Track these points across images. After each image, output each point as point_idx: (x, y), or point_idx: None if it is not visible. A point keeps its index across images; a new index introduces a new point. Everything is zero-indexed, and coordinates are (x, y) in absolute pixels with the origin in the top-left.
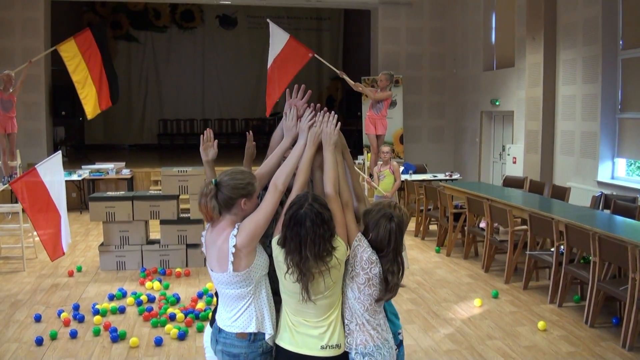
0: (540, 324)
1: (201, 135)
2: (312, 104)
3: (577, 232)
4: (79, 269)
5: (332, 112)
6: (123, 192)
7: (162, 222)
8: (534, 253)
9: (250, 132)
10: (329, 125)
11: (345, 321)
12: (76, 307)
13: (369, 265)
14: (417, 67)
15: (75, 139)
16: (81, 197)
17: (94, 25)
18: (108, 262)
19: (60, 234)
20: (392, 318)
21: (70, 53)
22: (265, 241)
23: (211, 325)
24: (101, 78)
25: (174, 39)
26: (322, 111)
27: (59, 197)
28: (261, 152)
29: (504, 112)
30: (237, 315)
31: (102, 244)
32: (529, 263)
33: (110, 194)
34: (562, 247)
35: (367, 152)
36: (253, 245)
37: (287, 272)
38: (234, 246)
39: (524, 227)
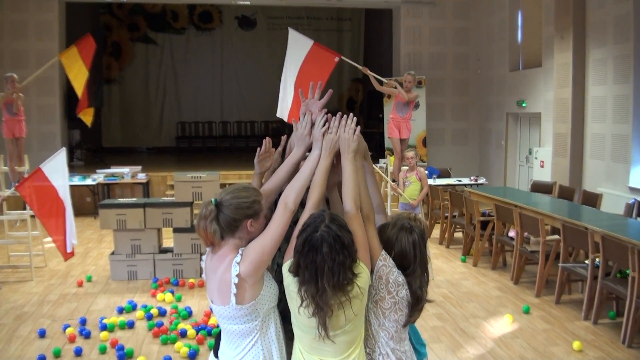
0: (576, 345)
1: (258, 148)
2: (323, 111)
3: (614, 244)
4: (89, 279)
5: (351, 114)
6: (134, 199)
7: (175, 230)
8: (567, 265)
9: (268, 138)
10: (347, 131)
11: (367, 350)
12: (83, 322)
13: (395, 288)
14: (440, 67)
15: (92, 142)
16: (95, 201)
17: (93, 31)
18: (119, 272)
19: (65, 233)
20: (418, 348)
21: (71, 60)
22: (273, 266)
23: (215, 355)
24: (87, 81)
25: (192, 40)
26: (337, 114)
27: (66, 196)
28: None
29: (531, 114)
30: (242, 354)
31: (112, 253)
32: (561, 276)
33: (121, 200)
34: (597, 259)
35: (390, 156)
36: (259, 274)
37: (300, 305)
38: (237, 276)
39: (556, 236)
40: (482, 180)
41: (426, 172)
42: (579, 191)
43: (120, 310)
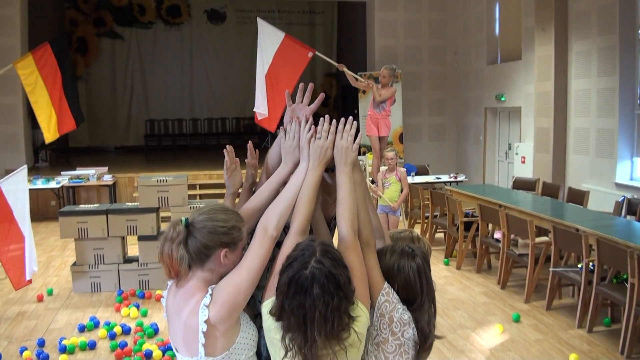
0: (573, 358)
1: (226, 162)
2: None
3: (610, 247)
4: (50, 292)
5: (350, 117)
6: (96, 205)
7: (140, 238)
8: (558, 270)
9: (251, 144)
10: (344, 138)
11: None
12: (41, 343)
13: (400, 327)
14: (416, 61)
15: (59, 143)
16: (60, 205)
17: (54, 40)
18: (81, 284)
19: (24, 258)
20: None
21: (28, 70)
22: (254, 302)
23: None
24: (61, 99)
25: (160, 35)
26: (325, 117)
27: (23, 217)
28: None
29: (510, 108)
30: None
31: (74, 264)
32: (552, 281)
33: (82, 207)
34: (591, 263)
35: (367, 153)
36: (234, 319)
37: (285, 356)
38: (206, 322)
39: (545, 238)
40: (461, 177)
41: (404, 168)
42: (563, 188)
43: (82, 329)
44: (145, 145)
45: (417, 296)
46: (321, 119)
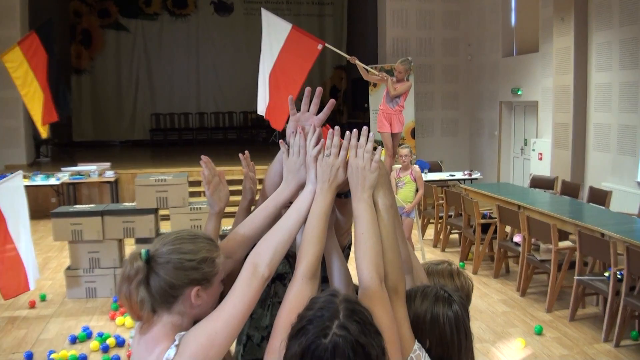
0: None
1: (202, 173)
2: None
3: None
4: (43, 298)
5: (364, 128)
6: (92, 206)
7: (138, 241)
8: (584, 279)
9: (247, 154)
10: (360, 155)
11: None
12: (29, 357)
13: None
14: (428, 53)
15: (62, 137)
16: (61, 202)
17: (40, 27)
18: (76, 290)
19: (17, 267)
20: None
21: (16, 63)
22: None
23: None
24: (45, 88)
25: (166, 27)
26: (335, 128)
27: (18, 225)
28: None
29: (527, 103)
30: None
31: (68, 268)
32: (576, 290)
33: (77, 207)
34: (619, 271)
35: (378, 147)
36: None
37: None
38: None
39: (569, 243)
40: (476, 175)
41: (419, 167)
42: (583, 187)
43: (73, 340)
44: (151, 140)
45: (454, 355)
46: (330, 131)
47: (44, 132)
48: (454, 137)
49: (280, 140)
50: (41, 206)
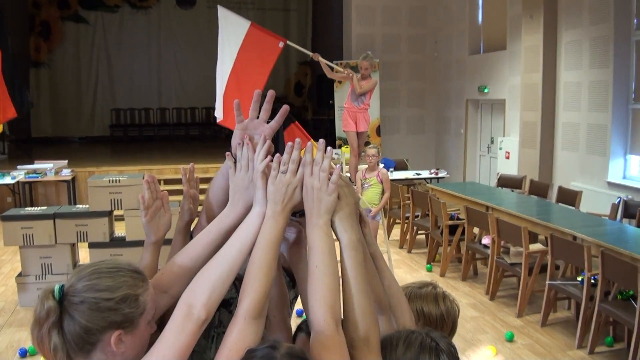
0: None
1: (140, 197)
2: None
3: (616, 261)
4: None
5: (321, 140)
6: (43, 208)
7: (91, 246)
8: (556, 283)
9: (191, 167)
10: (316, 174)
11: None
12: None
13: None
14: (394, 50)
15: (19, 133)
16: (17, 202)
17: None
18: (28, 297)
19: None
20: None
21: None
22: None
23: None
24: (1, 83)
25: (127, 19)
26: (296, 141)
27: None
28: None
29: (494, 101)
30: None
31: (20, 274)
32: (548, 294)
33: (28, 210)
34: (592, 276)
35: (343, 146)
36: None
37: None
38: None
39: (540, 246)
40: (442, 173)
41: (381, 165)
42: (552, 187)
43: (23, 354)
44: (111, 136)
45: None
46: (289, 144)
47: None
48: (420, 135)
49: (227, 153)
50: None
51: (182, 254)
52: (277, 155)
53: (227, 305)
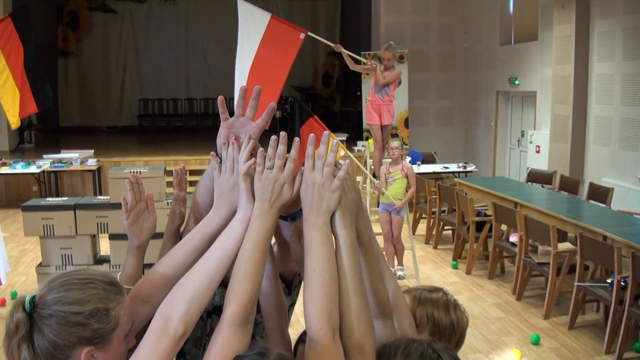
0: None
1: (123, 198)
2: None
3: None
4: (14, 296)
5: (325, 132)
6: (64, 199)
7: (112, 237)
8: (584, 285)
9: (182, 168)
10: (317, 169)
11: None
12: None
13: None
14: (424, 40)
15: (47, 122)
16: (42, 191)
17: (15, 12)
18: None
19: None
20: None
21: None
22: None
23: None
24: (23, 78)
25: (155, 9)
26: (281, 134)
27: None
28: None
29: (525, 93)
30: None
31: (40, 264)
32: (576, 296)
33: (49, 200)
34: (622, 278)
35: (369, 138)
36: None
37: None
38: None
39: (569, 245)
40: (471, 167)
41: (408, 158)
42: (583, 183)
43: None
44: (139, 126)
45: None
46: (273, 137)
47: (14, 123)
48: (449, 128)
49: (212, 153)
50: (22, 195)
51: (164, 262)
52: (261, 149)
53: (219, 312)
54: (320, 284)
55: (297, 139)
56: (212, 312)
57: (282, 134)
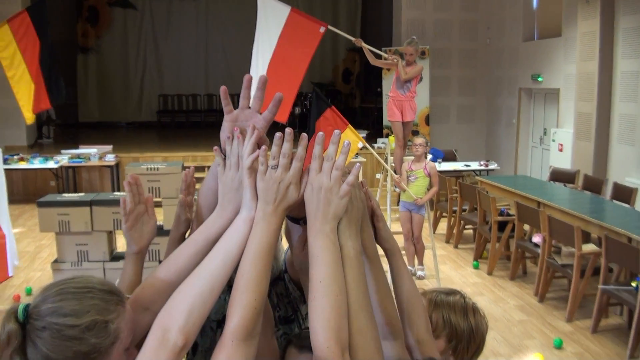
0: None
1: (122, 200)
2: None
3: None
4: (29, 292)
5: (336, 132)
6: (80, 195)
7: None
8: (609, 288)
9: (191, 171)
10: (325, 171)
11: None
12: None
13: None
14: (445, 36)
15: (66, 117)
16: (60, 187)
17: (32, 6)
18: None
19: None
20: None
21: (4, 42)
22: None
23: None
24: (37, 74)
25: (175, 5)
26: (286, 130)
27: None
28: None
29: (548, 90)
30: None
31: (55, 261)
32: (600, 299)
33: (65, 196)
34: None
35: (391, 135)
36: None
37: None
38: None
39: (593, 247)
40: (493, 165)
41: (429, 156)
42: (606, 183)
43: None
44: (158, 121)
45: None
46: (277, 134)
47: (29, 118)
48: (470, 125)
49: (215, 148)
50: (40, 190)
51: (165, 266)
52: (263, 147)
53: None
54: (328, 297)
55: (304, 134)
56: (221, 322)
57: (288, 130)
